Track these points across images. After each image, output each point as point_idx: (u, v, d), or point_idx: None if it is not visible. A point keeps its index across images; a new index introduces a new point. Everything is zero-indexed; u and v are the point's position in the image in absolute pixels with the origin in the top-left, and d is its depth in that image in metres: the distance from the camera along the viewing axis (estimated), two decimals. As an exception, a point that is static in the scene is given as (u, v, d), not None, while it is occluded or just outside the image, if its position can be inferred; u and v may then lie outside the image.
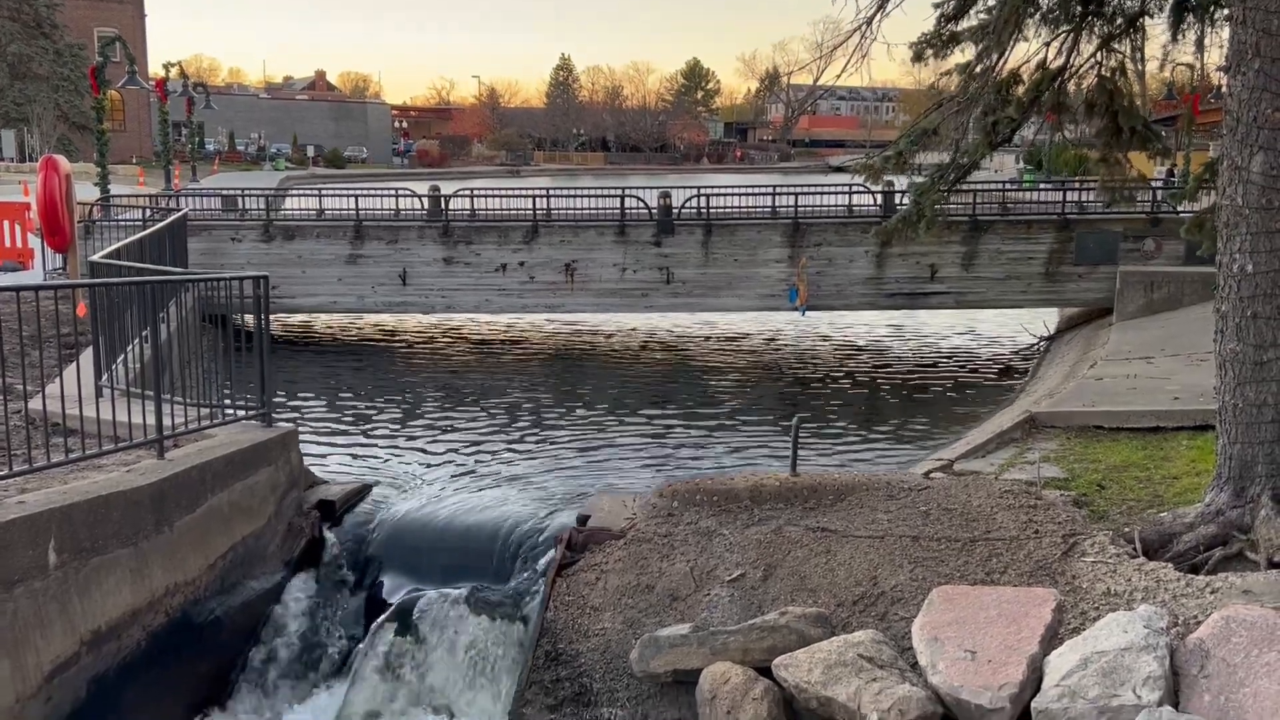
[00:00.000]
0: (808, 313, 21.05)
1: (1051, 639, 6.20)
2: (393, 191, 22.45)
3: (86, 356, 9.55)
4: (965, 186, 17.12)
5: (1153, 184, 19.53)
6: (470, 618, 8.24)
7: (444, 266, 20.98)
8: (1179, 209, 19.12)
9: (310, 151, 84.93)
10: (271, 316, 9.33)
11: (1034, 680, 5.89)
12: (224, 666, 8.18)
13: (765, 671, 6.52)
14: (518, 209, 21.66)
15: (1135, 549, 7.32)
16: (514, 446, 13.54)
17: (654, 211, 21.05)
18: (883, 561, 7.58)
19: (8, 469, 6.75)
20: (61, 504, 6.51)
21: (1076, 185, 22.45)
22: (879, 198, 21.04)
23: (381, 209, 21.84)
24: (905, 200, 13.13)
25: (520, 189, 25.23)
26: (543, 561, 8.59)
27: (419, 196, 21.78)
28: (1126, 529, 7.70)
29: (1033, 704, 5.67)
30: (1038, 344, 20.54)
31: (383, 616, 8.42)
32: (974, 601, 6.60)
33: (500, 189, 24.78)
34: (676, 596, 7.76)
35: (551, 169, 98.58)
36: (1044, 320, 21.33)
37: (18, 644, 6.11)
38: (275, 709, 8.05)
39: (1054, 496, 8.32)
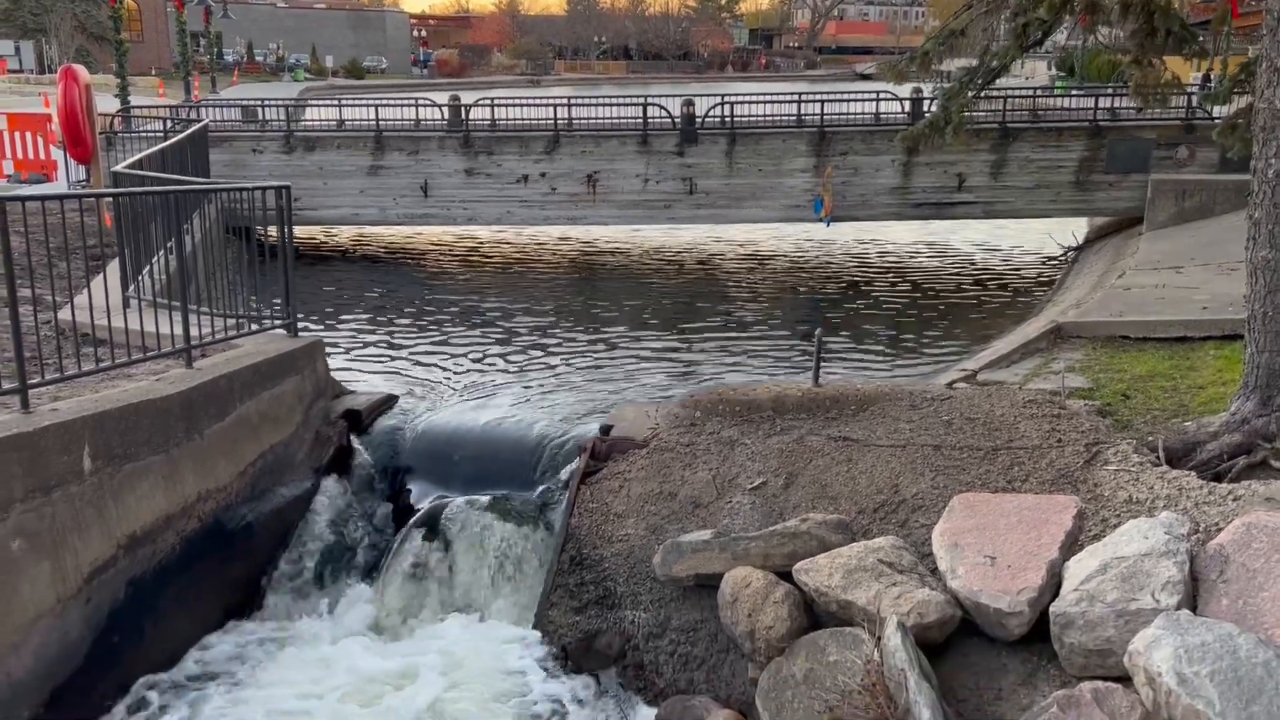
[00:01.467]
0: (832, 224, 20.84)
1: (1072, 545, 6.24)
2: (413, 101, 22.22)
3: (113, 268, 9.60)
4: (995, 92, 16.79)
5: (1188, 89, 19.03)
6: (496, 524, 8.39)
7: (465, 178, 20.84)
8: (1213, 114, 18.66)
9: (329, 62, 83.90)
10: (294, 229, 9.33)
11: (1053, 585, 5.95)
12: (257, 571, 8.38)
13: (786, 576, 6.61)
14: (539, 119, 21.40)
15: (1158, 458, 7.33)
16: (537, 358, 13.60)
17: (677, 121, 20.75)
18: (904, 470, 7.62)
19: (40, 377, 6.85)
20: (94, 411, 6.62)
21: (1109, 91, 21.90)
22: (907, 105, 20.65)
23: (401, 119, 21.65)
24: (933, 107, 12.86)
25: (541, 98, 24.88)
26: (567, 470, 8.70)
27: (439, 106, 21.55)
28: (1150, 438, 7.70)
29: (1051, 608, 5.73)
30: (1066, 254, 20.29)
31: (411, 522, 8.58)
32: (995, 508, 6.64)
33: (521, 98, 24.45)
34: (699, 504, 7.86)
35: (572, 78, 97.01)
36: (1072, 230, 21.04)
37: (57, 546, 6.28)
38: (307, 611, 8.25)
39: (1078, 406, 8.30)
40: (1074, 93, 26.56)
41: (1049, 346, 10.74)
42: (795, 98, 21.51)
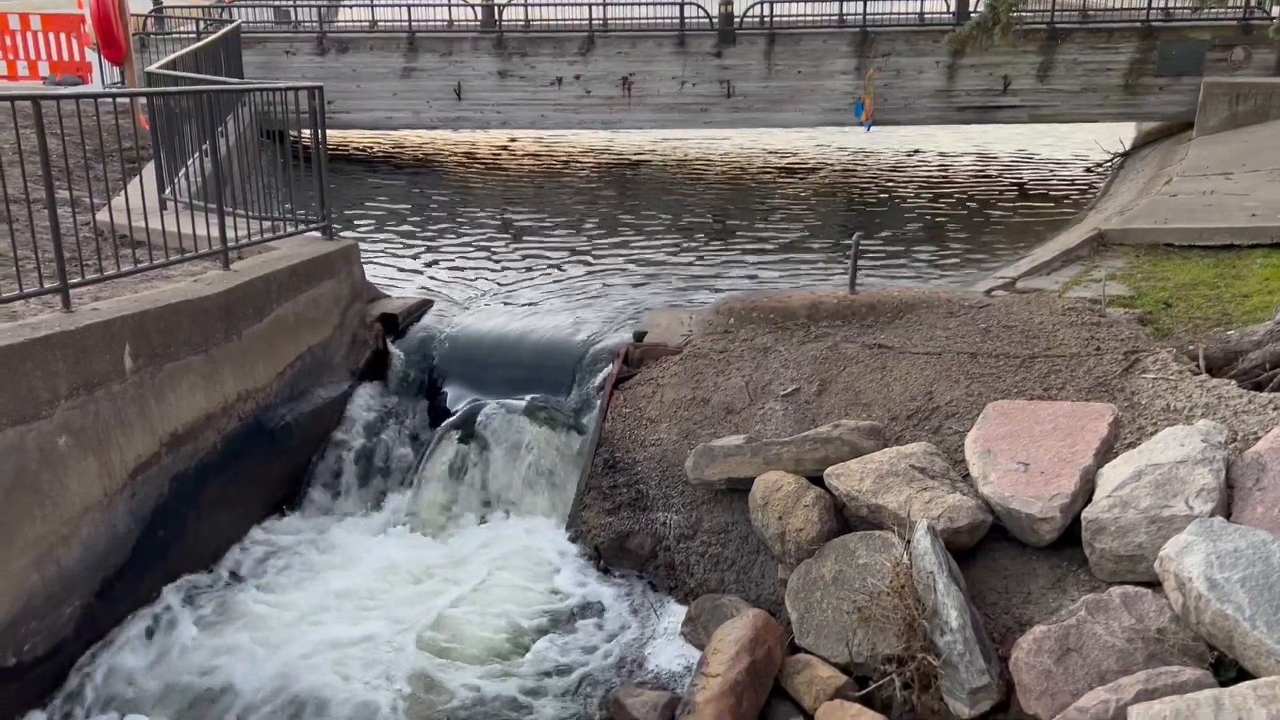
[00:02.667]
0: (873, 128, 20.42)
1: (1106, 453, 6.22)
2: (446, 1, 21.82)
3: (149, 170, 9.63)
4: (1044, -9, 16.21)
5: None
6: (531, 427, 8.47)
7: (499, 80, 20.57)
8: (1272, 13, 17.95)
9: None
10: (327, 133, 9.27)
11: (1086, 491, 5.94)
12: (296, 470, 8.55)
13: (817, 481, 6.65)
14: (573, 19, 20.98)
15: (1199, 366, 7.24)
16: (570, 265, 13.56)
17: (715, 20, 20.26)
18: (939, 377, 7.59)
19: (80, 277, 6.93)
20: (134, 311, 6.71)
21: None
22: (953, 4, 20.02)
23: (435, 20, 21.30)
24: (980, 6, 12.46)
25: (576, -2, 24.33)
26: (600, 375, 8.73)
27: (473, 6, 21.16)
28: (1191, 347, 7.60)
29: (1083, 514, 5.73)
30: (1112, 160, 19.81)
31: (447, 424, 8.69)
32: (1029, 415, 6.61)
33: (556, -2, 23.91)
34: (731, 410, 7.88)
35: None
36: (1119, 136, 20.49)
37: (102, 443, 6.43)
38: (345, 509, 8.44)
39: (1118, 314, 8.20)
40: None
41: (1090, 254, 10.55)
42: (837, -5, 20.89)
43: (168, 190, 9.18)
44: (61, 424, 6.12)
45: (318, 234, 9.36)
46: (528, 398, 8.74)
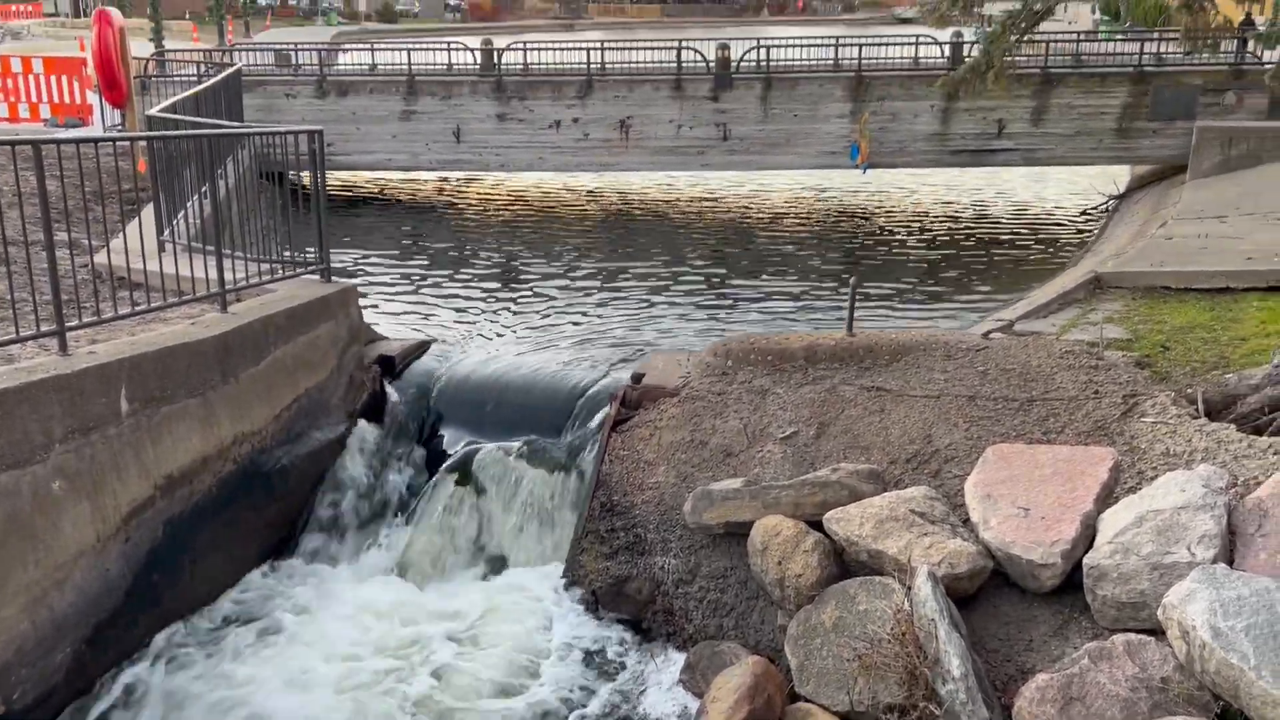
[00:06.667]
0: (869, 170, 20.56)
1: (1107, 497, 6.19)
2: (445, 46, 22.06)
3: (148, 213, 9.65)
4: (1037, 37, 16.38)
5: (1249, 29, 18.47)
6: (528, 470, 8.42)
7: (497, 123, 20.72)
8: (1263, 58, 18.15)
9: (362, 5, 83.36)
10: (327, 175, 9.31)
11: (1087, 537, 5.90)
12: (291, 513, 8.48)
13: (816, 525, 6.60)
14: (572, 63, 21.19)
15: (1197, 410, 7.22)
16: (568, 306, 13.58)
17: (711, 65, 20.46)
18: (937, 420, 7.57)
19: (78, 320, 6.92)
20: (131, 354, 6.69)
21: (1155, 36, 21.33)
22: (946, 49, 20.24)
23: (434, 64, 21.51)
24: (974, 51, 12.59)
25: (574, 43, 24.62)
26: (598, 418, 8.70)
27: (472, 51, 21.39)
28: (1189, 390, 7.58)
29: (1084, 560, 5.69)
30: (1106, 203, 19.93)
31: (443, 467, 8.64)
32: (1029, 460, 6.59)
33: (554, 43, 24.20)
34: (729, 452, 7.85)
35: (606, 22, 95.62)
36: (1114, 179, 20.63)
37: (97, 487, 6.38)
38: (340, 553, 8.36)
39: (1116, 357, 8.19)
40: (1118, 37, 25.91)
41: (1087, 297, 10.57)
42: (832, 42, 21.14)
43: (166, 232, 9.19)
44: (56, 468, 6.08)
45: (316, 276, 9.36)
46: (525, 440, 8.71)
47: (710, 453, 7.89)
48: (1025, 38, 10.38)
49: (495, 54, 21.09)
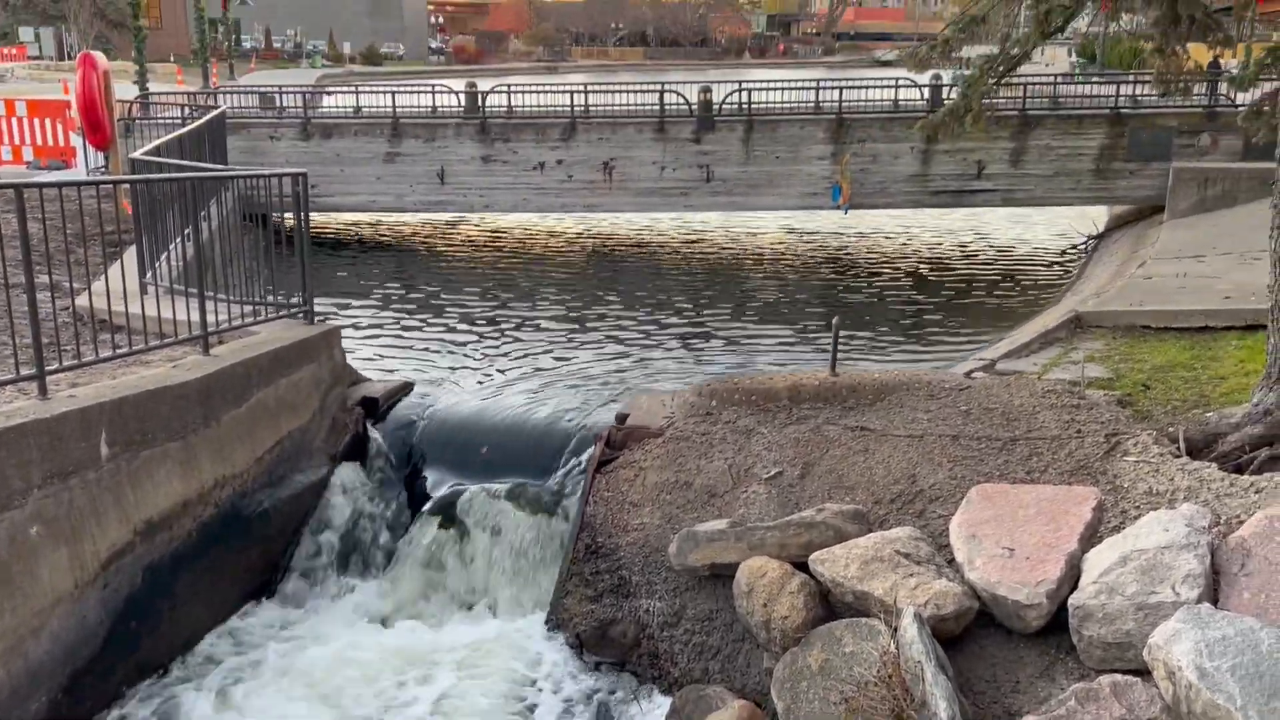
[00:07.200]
0: (850, 211, 20.73)
1: (1091, 537, 6.19)
2: (430, 88, 22.21)
3: (130, 254, 9.62)
4: (1015, 79, 16.62)
5: (1219, 73, 18.79)
6: (512, 512, 8.38)
7: (481, 165, 20.82)
8: (1236, 101, 18.45)
9: (346, 48, 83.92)
10: (310, 217, 9.32)
11: (1072, 577, 5.90)
12: (273, 556, 8.40)
13: (802, 566, 6.58)
14: (555, 106, 21.35)
15: (1179, 449, 7.26)
16: (553, 346, 13.59)
17: (694, 107, 20.66)
18: (921, 460, 7.57)
19: (58, 363, 6.87)
20: (112, 398, 6.64)
21: (1130, 79, 21.68)
22: (925, 92, 20.51)
23: (418, 106, 21.63)
24: (952, 94, 12.74)
25: (558, 85, 24.84)
26: (582, 458, 8.67)
27: (456, 93, 21.53)
28: (1171, 429, 7.62)
29: (1069, 600, 5.68)
30: (1085, 243, 20.14)
31: (426, 509, 8.59)
32: (1013, 500, 6.59)
33: (538, 85, 24.40)
34: (714, 493, 7.83)
35: (589, 65, 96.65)
36: (1092, 219, 20.86)
37: (75, 532, 6.31)
38: (323, 597, 8.28)
39: (1097, 396, 8.24)
40: (1095, 80, 26.32)
41: (1068, 336, 10.65)
42: (813, 85, 21.40)
43: (149, 274, 9.17)
44: (34, 513, 6.02)
45: (300, 318, 9.34)
46: (508, 482, 8.67)
47: (695, 493, 7.86)
48: (1003, 81, 10.49)
49: (479, 96, 21.24)
